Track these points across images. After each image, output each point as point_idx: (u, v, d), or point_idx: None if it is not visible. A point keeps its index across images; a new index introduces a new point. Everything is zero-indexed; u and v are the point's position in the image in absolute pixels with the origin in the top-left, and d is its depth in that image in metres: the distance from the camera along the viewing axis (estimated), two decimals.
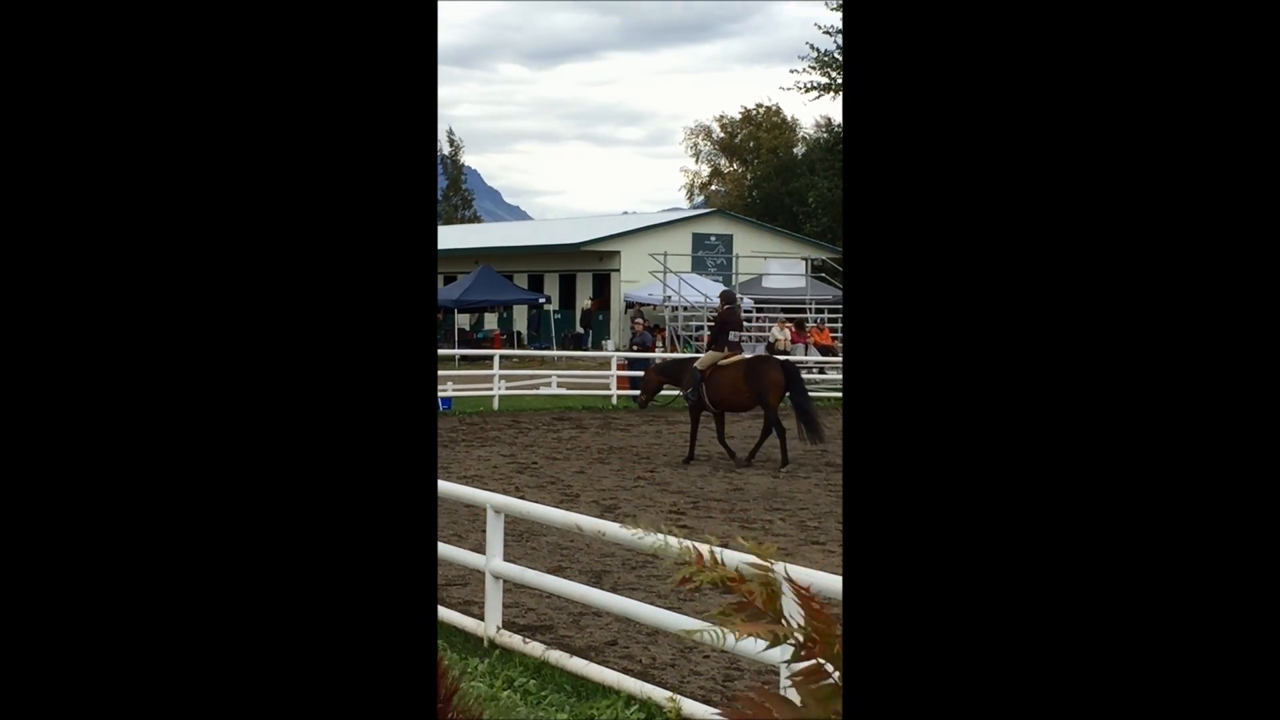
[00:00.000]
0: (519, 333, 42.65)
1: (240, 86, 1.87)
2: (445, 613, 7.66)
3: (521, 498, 10.09)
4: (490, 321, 43.49)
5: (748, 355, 16.72)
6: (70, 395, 1.80)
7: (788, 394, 15.21)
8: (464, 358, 30.73)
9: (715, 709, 5.61)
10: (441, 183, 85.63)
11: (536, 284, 43.99)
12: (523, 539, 10.03)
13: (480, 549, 7.84)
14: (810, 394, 16.31)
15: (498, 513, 7.37)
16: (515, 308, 42.28)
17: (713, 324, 17.25)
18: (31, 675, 1.75)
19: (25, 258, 1.79)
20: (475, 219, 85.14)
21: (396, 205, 1.91)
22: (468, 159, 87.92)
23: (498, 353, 26.44)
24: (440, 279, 45.31)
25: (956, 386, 1.85)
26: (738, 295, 19.82)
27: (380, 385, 1.90)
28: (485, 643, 7.15)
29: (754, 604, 2.09)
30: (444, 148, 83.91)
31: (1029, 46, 1.85)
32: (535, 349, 37.50)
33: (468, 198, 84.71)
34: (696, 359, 16.57)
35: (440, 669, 4.14)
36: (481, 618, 7.38)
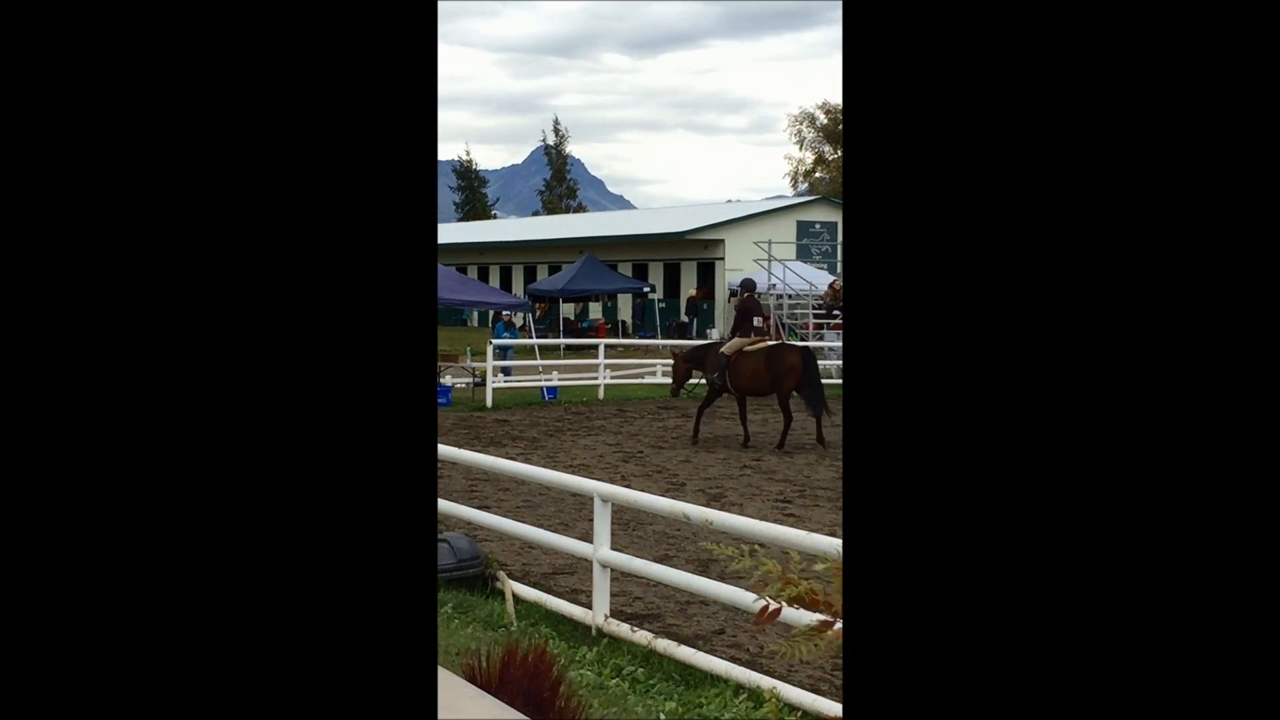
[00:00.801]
0: (624, 321, 42.78)
1: (241, 88, 1.86)
2: (553, 601, 7.71)
3: (628, 486, 10.12)
4: (595, 311, 43.66)
5: (771, 343, 17.16)
6: (73, 393, 1.80)
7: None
8: (569, 347, 30.89)
9: (822, 697, 5.58)
10: (545, 173, 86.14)
11: (641, 273, 44.05)
12: (629, 527, 10.06)
13: (587, 538, 7.88)
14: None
15: (605, 501, 7.40)
16: (620, 296, 42.40)
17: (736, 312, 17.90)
18: (31, 674, 1.76)
19: (25, 258, 1.79)
20: (580, 209, 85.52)
21: (397, 204, 1.91)
22: (572, 149, 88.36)
23: (603, 342, 26.52)
24: (545, 269, 45.59)
25: (953, 382, 1.85)
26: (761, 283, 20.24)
27: (381, 382, 1.89)
28: (593, 631, 7.18)
29: (836, 613, 2.09)
30: (549, 138, 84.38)
31: (1029, 46, 1.85)
32: (640, 338, 37.58)
33: (572, 188, 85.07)
34: (721, 344, 17.15)
35: (548, 657, 4.16)
36: (589, 606, 7.42)
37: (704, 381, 17.27)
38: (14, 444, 1.77)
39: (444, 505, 9.31)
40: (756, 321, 17.16)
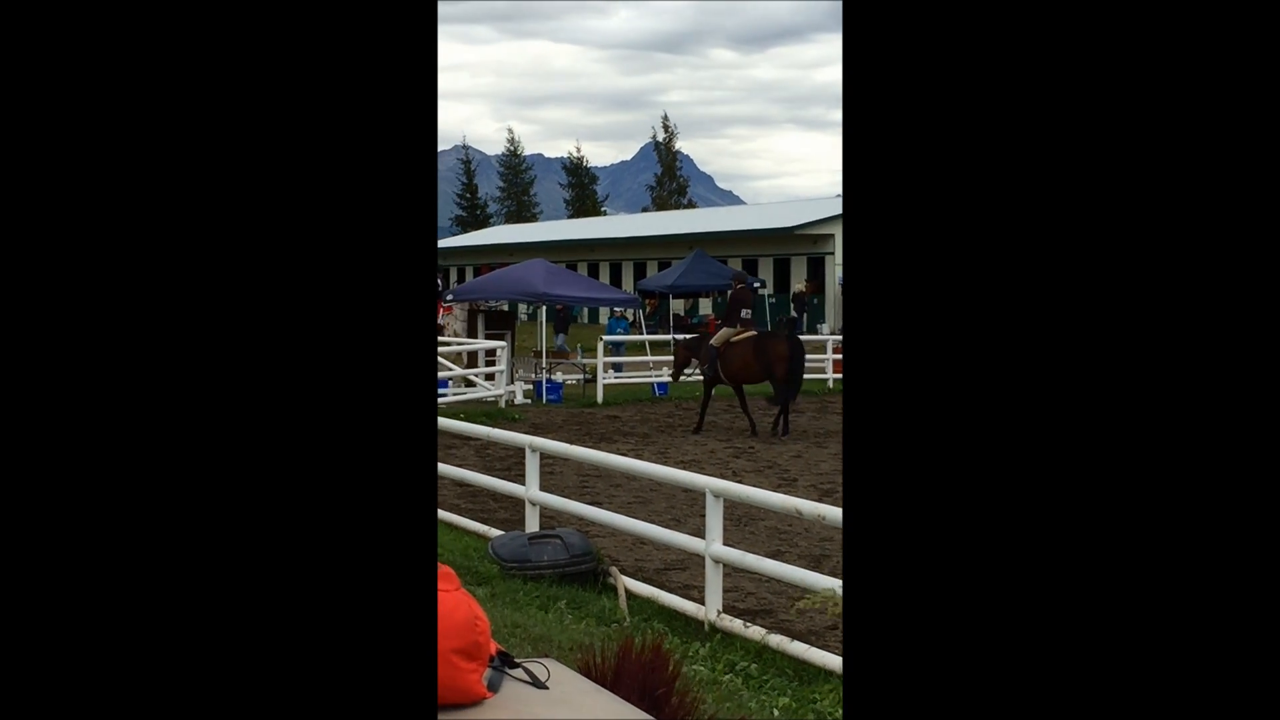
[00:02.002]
0: None
1: (241, 87, 1.86)
2: (666, 597, 7.72)
3: (739, 482, 10.10)
4: (705, 306, 43.60)
5: (758, 332, 17.62)
6: (70, 395, 1.80)
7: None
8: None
9: None
10: (654, 169, 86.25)
11: (751, 268, 43.88)
12: (741, 523, 10.04)
13: (699, 533, 7.87)
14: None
15: (717, 497, 7.39)
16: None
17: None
18: (31, 674, 1.76)
19: (25, 258, 1.79)
20: (690, 205, 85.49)
21: (397, 205, 1.90)
22: (681, 145, 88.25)
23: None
24: (655, 265, 45.65)
25: (952, 380, 1.85)
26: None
27: (381, 383, 1.89)
28: (706, 627, 7.18)
29: None
30: (658, 134, 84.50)
31: (1029, 47, 1.85)
32: None
33: (682, 184, 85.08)
34: (710, 336, 17.96)
35: (663, 653, 4.17)
36: (702, 601, 7.41)
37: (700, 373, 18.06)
38: (14, 444, 1.78)
39: (556, 501, 9.37)
40: (744, 313, 17.88)
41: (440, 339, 22.43)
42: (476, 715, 2.47)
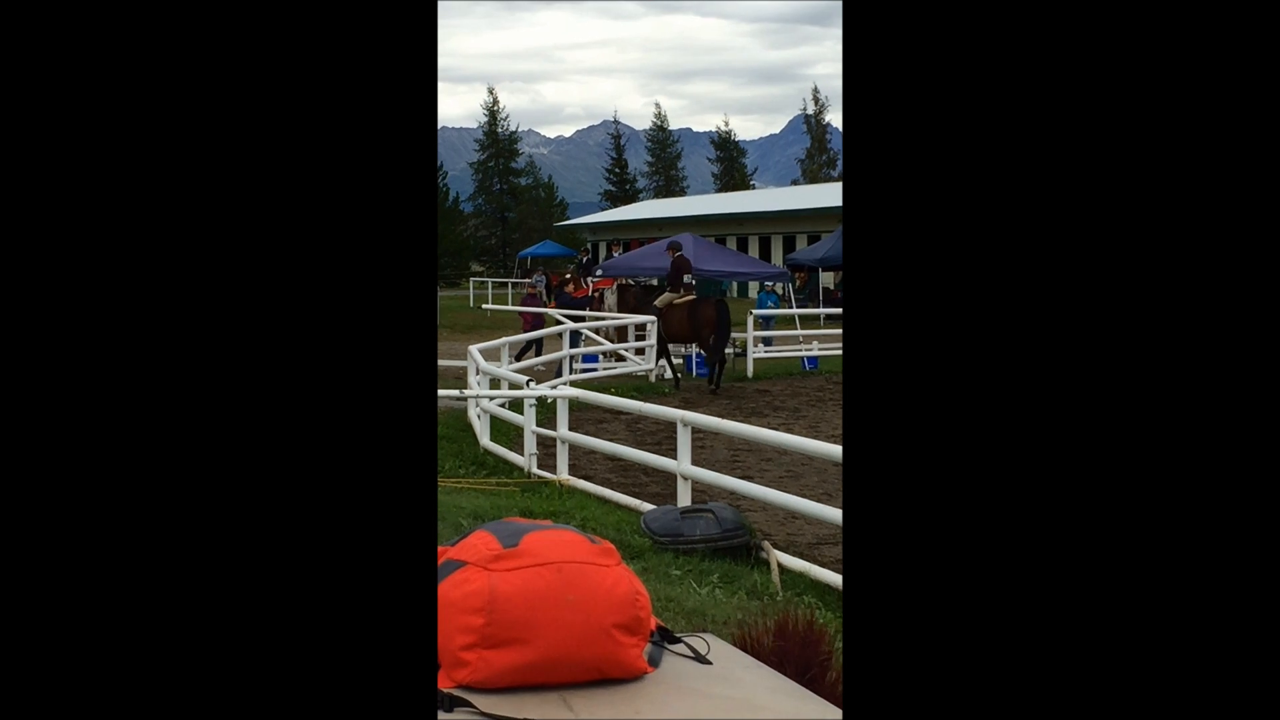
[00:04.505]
0: None
1: (241, 85, 1.85)
2: (818, 571, 7.69)
3: None
4: None
5: (695, 297, 19.53)
6: (67, 393, 1.79)
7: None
8: (829, 317, 30.66)
9: None
10: (803, 142, 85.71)
11: None
12: None
13: None
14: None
15: None
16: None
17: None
18: (29, 673, 1.75)
19: (23, 258, 1.78)
20: (840, 178, 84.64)
21: (397, 199, 1.88)
22: (831, 118, 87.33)
23: None
24: (804, 238, 45.37)
25: (952, 378, 1.83)
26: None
27: (381, 381, 1.87)
28: None
29: None
30: (808, 107, 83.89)
31: (1030, 46, 1.82)
32: None
33: (832, 157, 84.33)
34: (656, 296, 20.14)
35: (817, 628, 4.14)
36: None
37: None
38: (14, 445, 1.78)
39: (708, 475, 9.39)
40: (687, 278, 19.83)
41: (592, 313, 22.61)
42: (639, 690, 2.48)
